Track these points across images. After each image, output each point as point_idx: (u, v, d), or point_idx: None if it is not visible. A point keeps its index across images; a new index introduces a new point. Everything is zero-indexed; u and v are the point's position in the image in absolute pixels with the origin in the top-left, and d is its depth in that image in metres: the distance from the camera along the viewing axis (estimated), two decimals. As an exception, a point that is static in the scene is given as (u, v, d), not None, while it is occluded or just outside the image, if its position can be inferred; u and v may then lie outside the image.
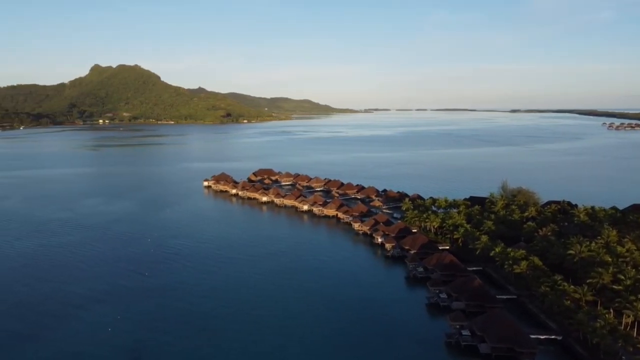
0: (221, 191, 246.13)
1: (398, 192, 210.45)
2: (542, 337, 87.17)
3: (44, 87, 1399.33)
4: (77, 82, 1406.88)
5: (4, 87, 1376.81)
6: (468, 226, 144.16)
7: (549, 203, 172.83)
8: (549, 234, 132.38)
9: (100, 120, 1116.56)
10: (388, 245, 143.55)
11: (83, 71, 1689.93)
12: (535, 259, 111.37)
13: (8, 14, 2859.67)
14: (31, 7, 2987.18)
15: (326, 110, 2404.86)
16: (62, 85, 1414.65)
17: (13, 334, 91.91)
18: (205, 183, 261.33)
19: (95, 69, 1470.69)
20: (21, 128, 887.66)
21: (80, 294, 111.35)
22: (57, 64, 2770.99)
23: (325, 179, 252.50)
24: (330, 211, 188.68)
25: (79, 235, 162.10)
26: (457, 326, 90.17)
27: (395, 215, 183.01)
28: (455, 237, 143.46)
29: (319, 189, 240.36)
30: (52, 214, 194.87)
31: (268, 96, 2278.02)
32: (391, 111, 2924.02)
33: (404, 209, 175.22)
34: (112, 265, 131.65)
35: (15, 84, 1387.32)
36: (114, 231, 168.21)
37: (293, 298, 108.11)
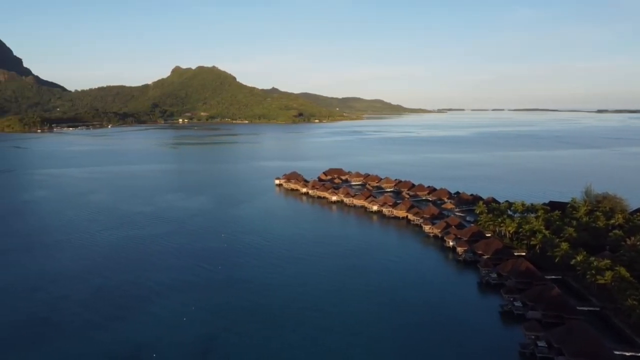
0: (292, 190, 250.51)
1: (471, 194, 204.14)
2: (627, 354, 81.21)
3: (130, 88, 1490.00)
4: (159, 83, 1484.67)
5: (95, 88, 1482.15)
6: (547, 232, 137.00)
7: (639, 210, 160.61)
8: (638, 243, 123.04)
9: (180, 120, 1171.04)
10: (460, 249, 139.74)
11: (165, 73, 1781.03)
12: (621, 270, 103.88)
13: (101, 23, 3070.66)
14: (120, 15, 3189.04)
15: (398, 110, 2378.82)
16: (146, 86, 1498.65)
17: (102, 314, 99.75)
18: (277, 181, 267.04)
19: (176, 70, 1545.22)
20: (109, 126, 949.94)
21: (159, 282, 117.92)
22: (142, 66, 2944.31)
23: (396, 179, 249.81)
24: (400, 212, 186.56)
25: (160, 228, 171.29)
26: (533, 337, 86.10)
27: (468, 218, 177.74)
28: (532, 243, 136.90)
29: (389, 190, 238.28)
30: (135, 207, 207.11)
31: (340, 96, 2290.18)
32: (466, 111, 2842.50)
33: (478, 212, 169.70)
34: (189, 257, 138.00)
35: (105, 85, 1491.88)
36: (191, 225, 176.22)
37: (360, 298, 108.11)
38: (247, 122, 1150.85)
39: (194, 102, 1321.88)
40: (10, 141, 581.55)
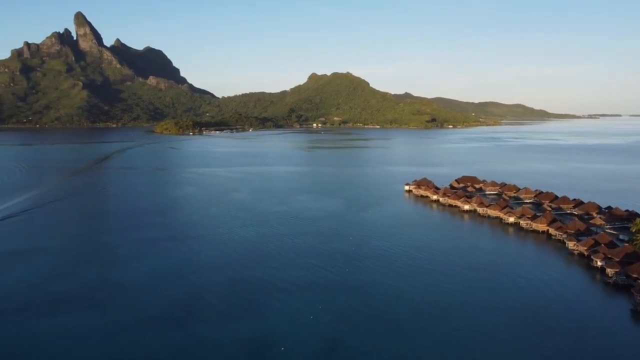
0: (422, 196, 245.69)
1: (627, 210, 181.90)
2: None
3: (270, 94, 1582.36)
4: (296, 90, 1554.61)
5: (239, 95, 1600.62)
6: None
7: None
8: None
9: (314, 124, 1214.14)
10: (610, 271, 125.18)
11: (302, 79, 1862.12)
12: None
13: (247, 38, 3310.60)
14: (263, 28, 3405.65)
15: (541, 115, 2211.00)
16: (284, 92, 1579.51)
17: (235, 306, 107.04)
18: (406, 187, 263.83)
19: (312, 77, 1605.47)
20: (250, 130, 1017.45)
21: (288, 280, 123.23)
22: (281, 74, 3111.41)
23: (536, 190, 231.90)
24: (540, 226, 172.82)
25: (292, 228, 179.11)
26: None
27: (621, 236, 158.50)
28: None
29: (528, 201, 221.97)
30: (271, 206, 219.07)
31: (476, 101, 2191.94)
32: (623, 117, 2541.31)
33: (634, 230, 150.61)
34: (317, 258, 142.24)
35: (248, 92, 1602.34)
36: (321, 226, 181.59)
37: (489, 314, 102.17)
38: (378, 127, 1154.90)
39: (327, 107, 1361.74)
40: (167, 142, 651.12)
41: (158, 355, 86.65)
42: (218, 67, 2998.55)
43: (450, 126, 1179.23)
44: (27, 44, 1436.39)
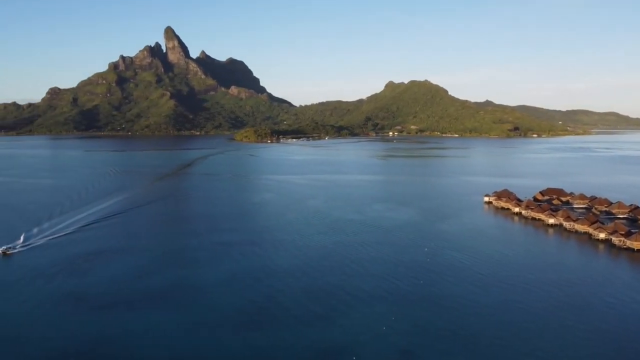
0: (502, 208, 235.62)
1: None
2: None
3: (346, 102, 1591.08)
4: (373, 98, 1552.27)
5: (316, 104, 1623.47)
6: None
7: None
8: None
9: (390, 132, 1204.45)
10: None
11: (379, 88, 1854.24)
12: None
13: (323, 47, 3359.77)
14: (340, 38, 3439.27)
15: (638, 124, 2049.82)
16: (360, 101, 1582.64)
17: (309, 312, 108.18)
18: (486, 198, 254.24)
19: (389, 85, 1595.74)
20: (326, 138, 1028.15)
21: (361, 289, 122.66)
22: (358, 83, 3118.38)
23: (632, 205, 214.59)
24: (635, 244, 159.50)
25: (366, 236, 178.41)
26: None
27: None
28: None
29: (621, 216, 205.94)
30: (346, 214, 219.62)
31: (563, 108, 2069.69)
32: None
33: None
34: (391, 268, 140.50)
35: (324, 101, 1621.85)
36: (396, 236, 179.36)
37: (576, 336, 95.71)
38: (457, 135, 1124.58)
39: (404, 115, 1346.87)
40: (246, 150, 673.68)
41: (233, 355, 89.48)
42: (296, 77, 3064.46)
43: (535, 135, 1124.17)
44: (122, 57, 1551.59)
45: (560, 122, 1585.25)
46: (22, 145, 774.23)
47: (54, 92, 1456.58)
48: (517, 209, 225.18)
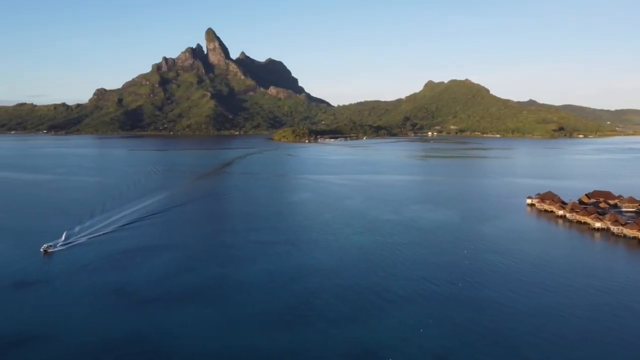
0: (545, 211, 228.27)
1: None
2: None
3: (385, 102, 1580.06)
4: (411, 98, 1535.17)
5: (354, 103, 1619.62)
6: None
7: None
8: None
9: (429, 132, 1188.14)
10: None
11: (418, 87, 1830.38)
12: None
13: (361, 46, 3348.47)
14: (377, 38, 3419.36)
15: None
16: (399, 100, 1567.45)
17: (344, 313, 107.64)
18: (529, 200, 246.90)
19: (429, 84, 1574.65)
20: (364, 138, 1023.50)
21: (397, 290, 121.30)
22: (396, 82, 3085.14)
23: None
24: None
25: (403, 237, 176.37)
26: None
27: None
28: None
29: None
30: (383, 215, 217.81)
31: (611, 108, 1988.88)
32: None
33: None
34: (428, 270, 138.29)
35: (362, 101, 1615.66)
36: (433, 237, 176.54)
37: (620, 346, 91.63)
38: (498, 136, 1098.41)
39: (444, 115, 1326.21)
40: (284, 149, 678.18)
41: (266, 354, 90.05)
42: (334, 77, 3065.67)
43: (581, 136, 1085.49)
44: (165, 58, 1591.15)
45: (608, 122, 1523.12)
46: (70, 145, 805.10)
47: (101, 93, 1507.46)
48: (561, 212, 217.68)
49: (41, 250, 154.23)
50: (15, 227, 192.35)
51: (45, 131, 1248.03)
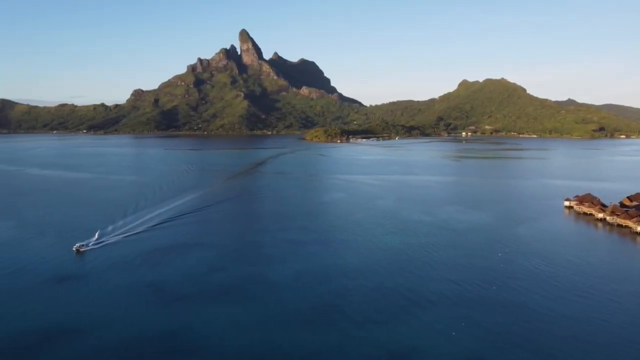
0: (584, 214, 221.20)
1: None
2: None
3: (417, 102, 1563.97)
4: (445, 97, 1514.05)
5: (386, 103, 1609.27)
6: None
7: None
8: None
9: (463, 133, 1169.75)
10: None
11: (452, 87, 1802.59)
12: None
13: (395, 46, 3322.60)
14: (409, 36, 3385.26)
15: None
16: (432, 100, 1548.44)
17: (378, 312, 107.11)
18: (567, 203, 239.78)
19: (463, 84, 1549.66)
20: (396, 138, 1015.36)
21: (429, 292, 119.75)
22: (430, 82, 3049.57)
23: None
24: None
25: (435, 238, 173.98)
26: None
27: None
28: None
29: None
30: (416, 215, 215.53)
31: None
32: None
33: None
34: (461, 272, 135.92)
35: (395, 100, 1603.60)
36: (466, 239, 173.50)
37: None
38: (535, 136, 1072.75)
39: (478, 115, 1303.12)
40: (315, 149, 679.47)
41: (296, 353, 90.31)
42: (367, 77, 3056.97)
43: (623, 136, 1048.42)
44: (199, 59, 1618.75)
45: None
46: (109, 144, 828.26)
47: (138, 94, 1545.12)
48: (601, 215, 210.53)
49: (73, 249, 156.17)
50: (50, 226, 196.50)
51: (85, 131, 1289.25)
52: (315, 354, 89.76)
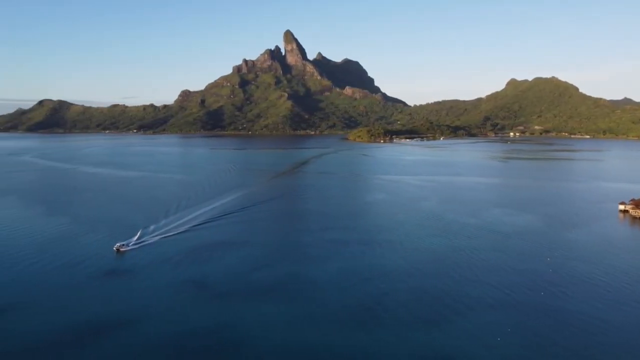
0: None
1: None
2: None
3: (464, 102, 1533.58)
4: (492, 97, 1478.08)
5: (431, 103, 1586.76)
6: None
7: None
8: None
9: (511, 133, 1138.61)
10: None
11: (499, 86, 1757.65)
12: None
13: (439, 42, 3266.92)
14: (460, 35, 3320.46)
15: None
16: (479, 99, 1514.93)
17: (417, 317, 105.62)
18: (622, 207, 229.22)
19: (511, 83, 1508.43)
20: (441, 138, 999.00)
21: (473, 296, 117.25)
22: (476, 81, 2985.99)
23: None
24: None
25: (481, 242, 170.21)
26: None
27: None
28: None
29: None
30: (460, 217, 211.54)
31: None
32: None
33: None
34: (507, 276, 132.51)
35: (440, 100, 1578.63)
36: (514, 243, 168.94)
37: None
38: (588, 137, 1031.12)
39: (527, 115, 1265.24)
40: (359, 149, 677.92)
41: (336, 352, 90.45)
42: (411, 76, 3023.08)
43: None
44: (245, 60, 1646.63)
45: None
46: (158, 143, 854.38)
47: (185, 95, 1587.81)
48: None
49: (114, 249, 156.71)
50: (93, 224, 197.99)
51: (135, 130, 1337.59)
52: (361, 353, 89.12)
